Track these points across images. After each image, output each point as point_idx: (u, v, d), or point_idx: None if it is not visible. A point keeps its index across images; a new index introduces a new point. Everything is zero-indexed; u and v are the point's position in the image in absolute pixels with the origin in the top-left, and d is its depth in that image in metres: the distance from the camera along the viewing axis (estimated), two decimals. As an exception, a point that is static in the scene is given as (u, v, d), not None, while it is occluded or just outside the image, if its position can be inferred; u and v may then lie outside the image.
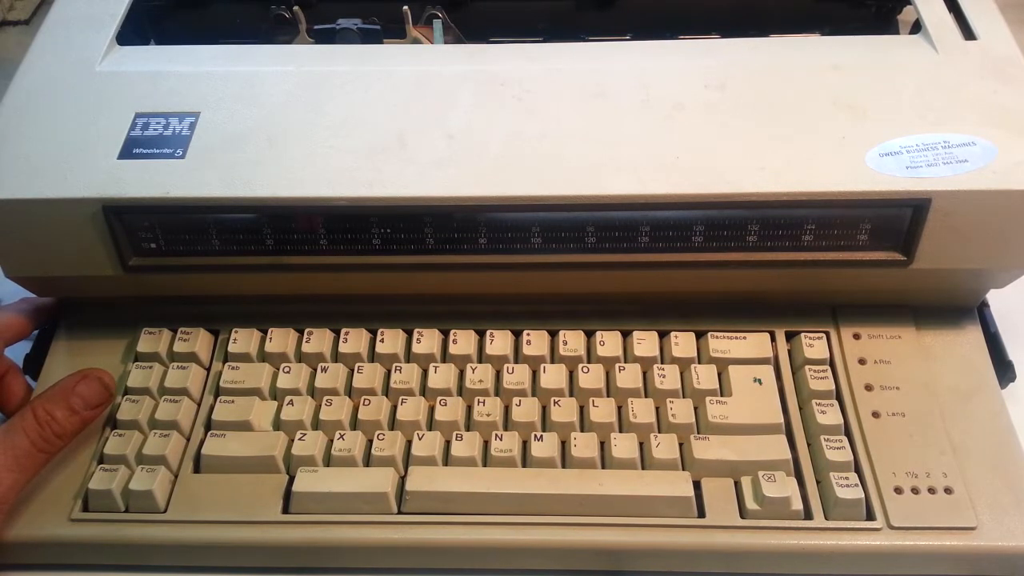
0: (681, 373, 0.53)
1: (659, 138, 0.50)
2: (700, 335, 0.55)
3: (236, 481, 0.50)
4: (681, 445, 0.50)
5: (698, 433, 0.51)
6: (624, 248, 0.51)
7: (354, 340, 0.55)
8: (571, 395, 0.53)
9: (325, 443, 0.51)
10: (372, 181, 0.49)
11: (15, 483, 0.47)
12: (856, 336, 0.55)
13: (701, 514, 0.48)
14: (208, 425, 0.52)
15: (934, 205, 0.48)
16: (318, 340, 0.55)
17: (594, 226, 0.50)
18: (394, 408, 0.52)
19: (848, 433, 0.51)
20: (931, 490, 0.48)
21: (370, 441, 0.51)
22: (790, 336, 0.55)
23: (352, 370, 0.54)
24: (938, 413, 0.51)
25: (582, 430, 0.51)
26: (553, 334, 0.55)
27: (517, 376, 0.53)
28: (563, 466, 0.50)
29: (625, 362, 0.54)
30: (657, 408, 0.52)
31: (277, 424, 0.52)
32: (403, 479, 0.49)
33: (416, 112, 0.52)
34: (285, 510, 0.49)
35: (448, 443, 0.51)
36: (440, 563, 0.49)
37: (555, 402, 0.52)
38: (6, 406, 0.54)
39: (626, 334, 0.55)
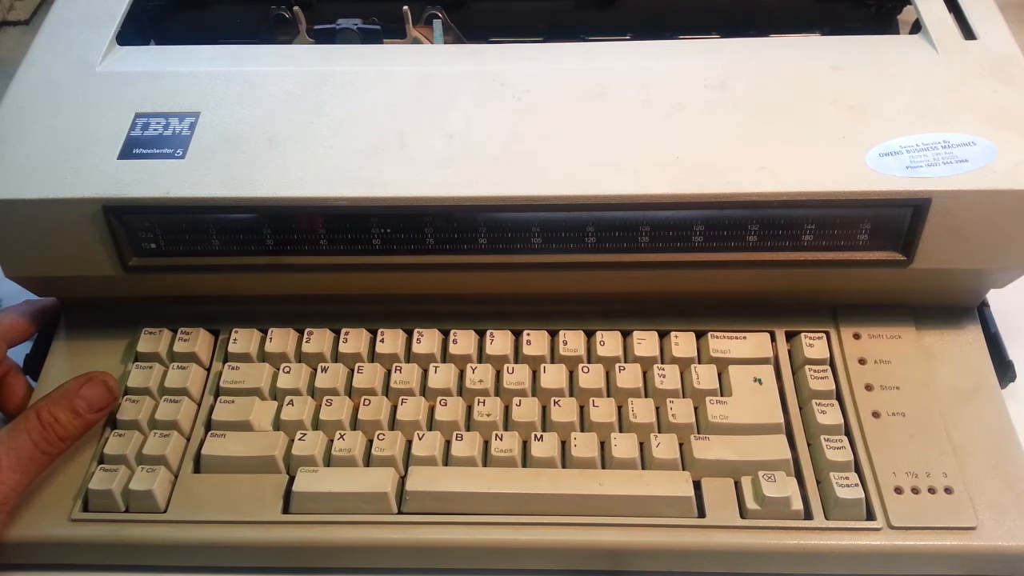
0: (681, 373, 0.53)
1: (659, 138, 0.50)
2: (700, 335, 0.55)
3: (236, 481, 0.50)
4: (681, 445, 0.50)
5: (698, 433, 0.51)
6: (624, 248, 0.51)
7: (354, 340, 0.55)
8: (571, 395, 0.53)
9: (325, 443, 0.51)
10: (372, 181, 0.49)
11: (17, 484, 0.47)
12: (856, 336, 0.55)
13: (701, 514, 0.48)
14: (208, 425, 0.52)
15: (934, 205, 0.48)
16: (318, 340, 0.55)
17: (594, 226, 0.50)
18: (394, 408, 0.52)
19: (848, 433, 0.51)
20: (931, 490, 0.48)
21: (370, 441, 0.51)
22: (790, 336, 0.55)
23: (352, 370, 0.54)
24: (938, 413, 0.51)
25: (582, 430, 0.51)
26: (553, 334, 0.55)
27: (517, 376, 0.53)
28: (563, 466, 0.50)
29: (625, 362, 0.54)
30: (657, 408, 0.52)
31: (277, 424, 0.52)
32: (403, 479, 0.49)
33: (416, 112, 0.52)
34: (285, 510, 0.49)
35: (448, 443, 0.51)
36: (440, 563, 0.49)
37: (555, 402, 0.52)
38: (7, 406, 0.54)
39: (626, 334, 0.55)
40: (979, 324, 0.55)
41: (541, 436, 0.51)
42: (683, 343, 0.54)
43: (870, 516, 0.48)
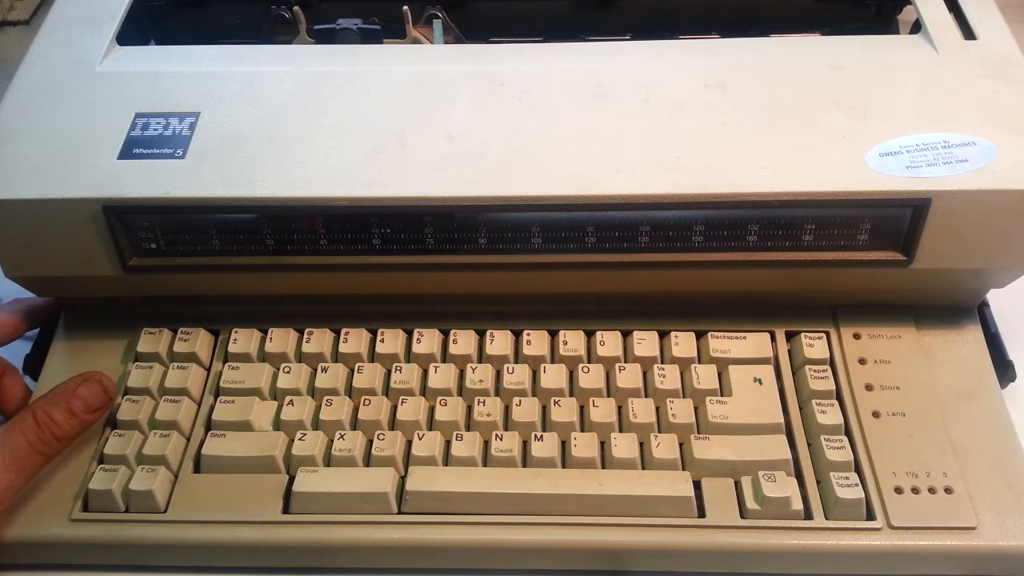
0: (681, 373, 0.53)
1: (659, 138, 0.50)
2: (700, 335, 0.55)
3: (236, 481, 0.50)
4: (681, 445, 0.50)
5: (698, 433, 0.51)
6: (624, 248, 0.51)
7: (354, 340, 0.55)
8: (571, 395, 0.53)
9: (325, 443, 0.51)
10: (372, 181, 0.49)
11: (12, 484, 0.47)
12: (856, 336, 0.55)
13: (701, 514, 0.48)
14: (208, 425, 0.52)
15: (934, 205, 0.48)
16: (318, 340, 0.55)
17: (594, 226, 0.50)
18: (394, 408, 0.52)
19: (848, 433, 0.51)
20: (931, 490, 0.48)
21: (370, 441, 0.51)
22: (790, 336, 0.55)
23: (352, 370, 0.54)
24: (938, 413, 0.51)
25: (582, 430, 0.51)
26: (553, 334, 0.55)
27: (517, 376, 0.53)
28: (563, 466, 0.50)
29: (625, 362, 0.54)
30: (657, 408, 0.52)
31: (277, 424, 0.52)
32: (403, 479, 0.49)
33: (416, 112, 0.52)
34: (285, 510, 0.49)
35: (448, 443, 0.51)
36: (440, 563, 0.49)
37: (555, 402, 0.52)
38: (5, 407, 0.54)
39: (626, 334, 0.55)
40: (979, 324, 0.55)
41: (541, 436, 0.51)
42: (683, 343, 0.54)
43: (870, 516, 0.48)
